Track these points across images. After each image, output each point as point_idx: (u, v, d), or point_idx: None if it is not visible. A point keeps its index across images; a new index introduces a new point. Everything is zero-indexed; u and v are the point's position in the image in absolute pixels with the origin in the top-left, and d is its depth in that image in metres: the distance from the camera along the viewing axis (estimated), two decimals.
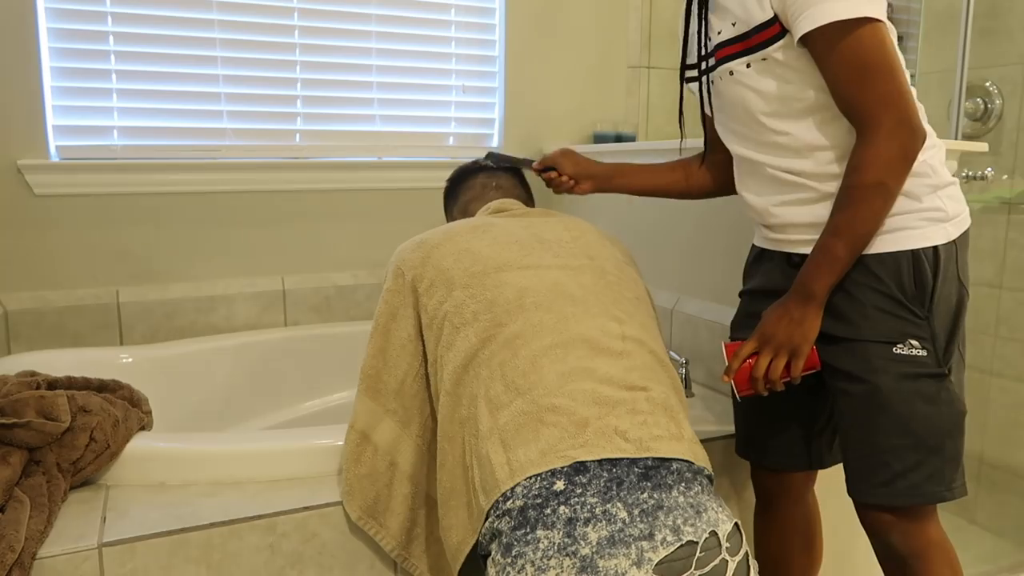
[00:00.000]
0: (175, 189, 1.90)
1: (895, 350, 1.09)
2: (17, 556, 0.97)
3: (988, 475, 2.30)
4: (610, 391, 1.01)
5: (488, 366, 1.03)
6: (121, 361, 1.75)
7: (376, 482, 1.17)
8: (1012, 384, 2.23)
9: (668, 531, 0.90)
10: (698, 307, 1.76)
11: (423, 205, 2.18)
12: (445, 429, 1.06)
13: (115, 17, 1.82)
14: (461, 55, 2.20)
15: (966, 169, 2.22)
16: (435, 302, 1.11)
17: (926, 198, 1.09)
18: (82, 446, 1.17)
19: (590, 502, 0.91)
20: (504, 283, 1.10)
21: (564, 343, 1.04)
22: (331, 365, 1.98)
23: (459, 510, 1.05)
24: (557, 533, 0.89)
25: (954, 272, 1.11)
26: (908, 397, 1.08)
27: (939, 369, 1.09)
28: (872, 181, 1.03)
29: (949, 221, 1.11)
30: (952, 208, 1.12)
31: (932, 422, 1.09)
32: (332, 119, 2.08)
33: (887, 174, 1.03)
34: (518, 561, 0.89)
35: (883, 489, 1.12)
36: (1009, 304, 2.23)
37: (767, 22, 1.08)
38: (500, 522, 0.93)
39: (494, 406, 1.01)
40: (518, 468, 0.95)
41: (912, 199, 1.09)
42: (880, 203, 1.04)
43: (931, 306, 1.09)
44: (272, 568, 1.15)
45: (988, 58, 2.25)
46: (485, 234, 1.18)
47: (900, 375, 1.08)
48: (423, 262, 1.15)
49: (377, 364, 1.18)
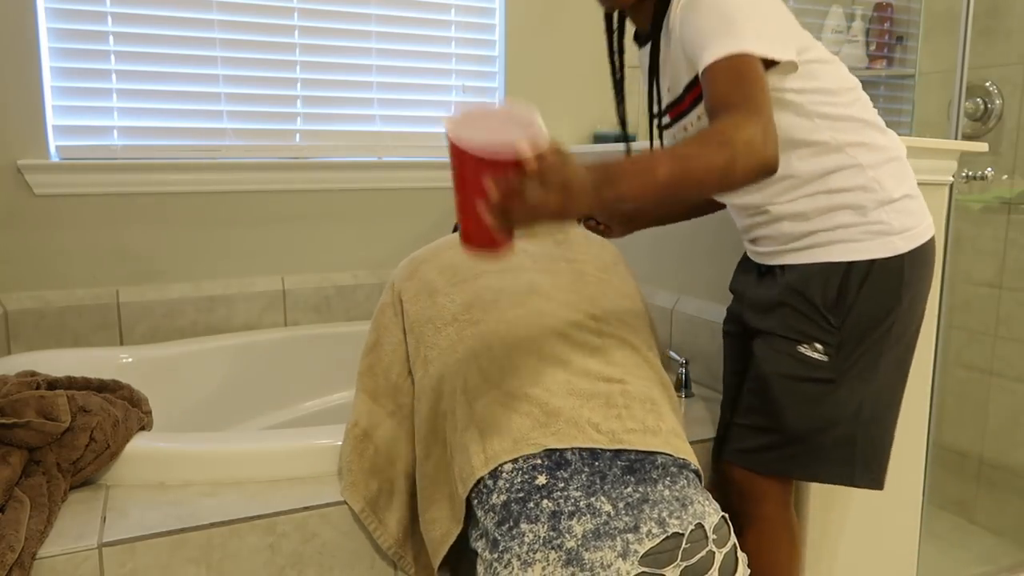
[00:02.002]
0: (175, 189, 1.90)
1: (799, 348, 1.17)
2: (17, 556, 0.97)
3: (988, 475, 2.30)
4: (585, 384, 1.04)
5: (466, 360, 1.08)
6: (121, 361, 1.75)
7: (378, 475, 1.19)
8: (1012, 384, 2.23)
9: (654, 523, 0.91)
10: (698, 307, 1.76)
11: (423, 205, 2.18)
12: (429, 424, 1.10)
13: (115, 17, 1.82)
14: (461, 55, 2.20)
15: (966, 169, 2.22)
16: (417, 308, 1.18)
17: (872, 212, 1.14)
18: (82, 446, 1.17)
19: (574, 496, 0.93)
20: (482, 286, 1.15)
21: (539, 336, 1.09)
22: (331, 365, 1.98)
23: (442, 502, 1.07)
24: (542, 527, 0.91)
25: (892, 285, 1.15)
26: (789, 394, 1.18)
27: (831, 376, 1.17)
28: (736, 137, 0.89)
29: (897, 234, 1.14)
30: (900, 222, 1.15)
31: (801, 423, 1.18)
32: (332, 119, 2.08)
33: (739, 150, 0.88)
34: (504, 556, 0.91)
35: (734, 456, 1.25)
36: (1009, 304, 2.23)
37: (692, 82, 1.12)
38: (486, 518, 0.95)
39: (471, 397, 1.05)
40: (492, 456, 0.98)
41: (857, 213, 1.14)
42: (721, 164, 0.87)
43: (846, 317, 1.15)
44: (272, 568, 1.15)
45: (988, 58, 2.25)
46: None
47: (790, 373, 1.18)
48: (410, 275, 1.22)
49: (374, 367, 1.22)
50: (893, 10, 2.42)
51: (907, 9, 2.40)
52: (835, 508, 1.46)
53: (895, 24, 2.43)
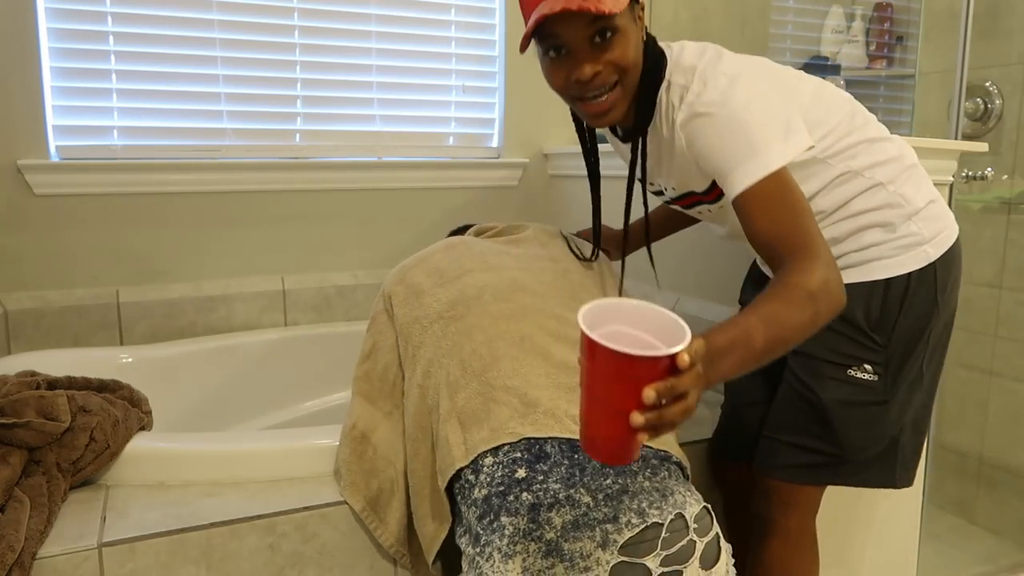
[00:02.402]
0: (175, 189, 1.90)
1: (849, 372, 1.15)
2: (17, 556, 0.97)
3: (988, 475, 2.30)
4: (565, 376, 1.06)
5: (449, 354, 1.10)
6: (121, 361, 1.75)
7: (378, 476, 1.19)
8: (1012, 384, 2.23)
9: (633, 514, 0.92)
10: (698, 307, 1.76)
11: (423, 205, 2.18)
12: (417, 420, 1.12)
13: (115, 17, 1.82)
14: (461, 55, 2.20)
15: (966, 169, 2.22)
16: (405, 311, 1.19)
17: (901, 226, 1.12)
18: (82, 446, 1.17)
19: (553, 488, 0.94)
20: (466, 284, 1.17)
21: (520, 329, 1.10)
22: (331, 365, 1.98)
23: (433, 496, 1.09)
24: (522, 519, 0.92)
25: (930, 294, 1.14)
26: (848, 421, 1.16)
27: (885, 397, 1.15)
28: (815, 289, 0.89)
29: (928, 243, 1.13)
30: (930, 229, 1.14)
31: (860, 443, 1.17)
32: (332, 119, 2.08)
33: (820, 301, 0.89)
34: (486, 549, 0.92)
35: (781, 471, 1.22)
36: (1009, 304, 2.23)
37: (708, 189, 1.12)
38: (469, 513, 0.97)
39: (453, 389, 1.06)
40: (472, 447, 1.00)
41: (886, 230, 1.12)
42: (808, 320, 0.89)
43: (892, 334, 1.13)
44: (272, 568, 1.15)
45: (988, 58, 2.25)
46: (454, 251, 1.27)
47: (847, 399, 1.15)
48: (399, 280, 1.24)
49: (369, 372, 1.24)
50: (893, 10, 2.42)
51: (907, 9, 2.40)
52: (836, 508, 1.46)
53: (895, 24, 2.43)
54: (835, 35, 2.42)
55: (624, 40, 1.03)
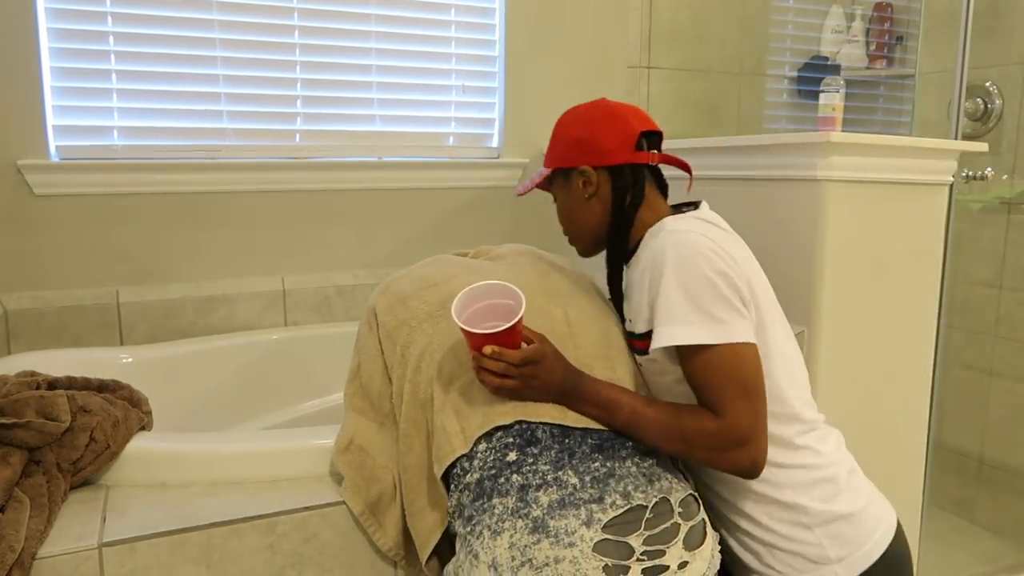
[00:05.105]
0: (175, 189, 1.90)
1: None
2: (17, 556, 0.97)
3: (988, 475, 2.30)
4: None
5: (441, 349, 1.13)
6: (121, 361, 1.75)
7: (378, 482, 1.20)
8: (1012, 384, 2.23)
9: (618, 496, 0.97)
10: None
11: (423, 205, 2.18)
12: (410, 416, 1.14)
13: (115, 17, 1.82)
14: (461, 55, 2.20)
15: (966, 169, 2.22)
16: (391, 317, 1.22)
17: (802, 534, 1.05)
18: (82, 446, 1.17)
19: (542, 470, 0.99)
20: (453, 286, 1.19)
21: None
22: (331, 365, 1.98)
23: (430, 486, 1.11)
24: (511, 499, 0.97)
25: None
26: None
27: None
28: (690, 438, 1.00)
29: (838, 563, 1.03)
30: (836, 551, 1.04)
31: None
32: (332, 119, 2.08)
33: (702, 449, 1.00)
34: (476, 528, 0.97)
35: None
36: (1009, 304, 2.23)
37: (647, 332, 1.10)
38: (462, 496, 1.01)
39: (447, 381, 1.09)
40: (470, 435, 1.04)
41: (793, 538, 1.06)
42: (672, 447, 1.02)
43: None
44: (272, 568, 1.15)
45: (988, 58, 2.25)
46: (436, 263, 1.31)
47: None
48: (383, 292, 1.27)
49: (358, 390, 1.26)
50: (893, 10, 2.43)
51: (907, 9, 2.40)
52: None
53: (895, 24, 2.44)
54: (835, 35, 2.42)
55: (559, 203, 1.22)
